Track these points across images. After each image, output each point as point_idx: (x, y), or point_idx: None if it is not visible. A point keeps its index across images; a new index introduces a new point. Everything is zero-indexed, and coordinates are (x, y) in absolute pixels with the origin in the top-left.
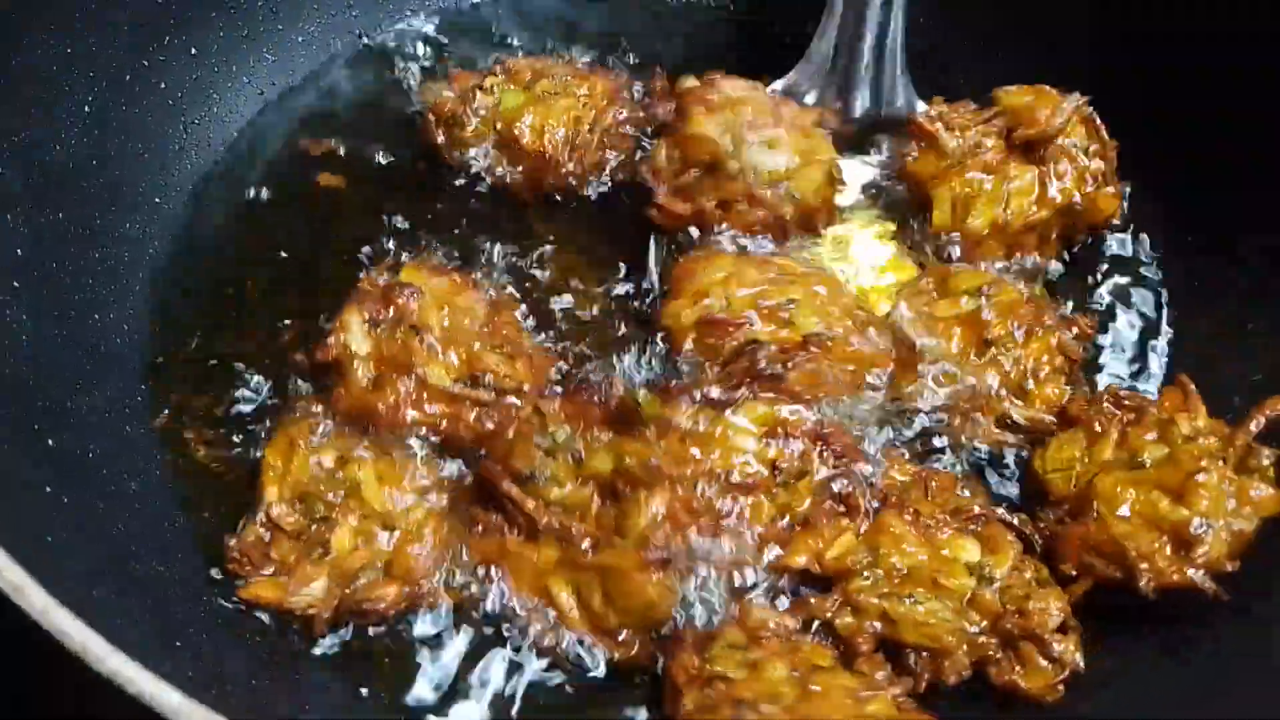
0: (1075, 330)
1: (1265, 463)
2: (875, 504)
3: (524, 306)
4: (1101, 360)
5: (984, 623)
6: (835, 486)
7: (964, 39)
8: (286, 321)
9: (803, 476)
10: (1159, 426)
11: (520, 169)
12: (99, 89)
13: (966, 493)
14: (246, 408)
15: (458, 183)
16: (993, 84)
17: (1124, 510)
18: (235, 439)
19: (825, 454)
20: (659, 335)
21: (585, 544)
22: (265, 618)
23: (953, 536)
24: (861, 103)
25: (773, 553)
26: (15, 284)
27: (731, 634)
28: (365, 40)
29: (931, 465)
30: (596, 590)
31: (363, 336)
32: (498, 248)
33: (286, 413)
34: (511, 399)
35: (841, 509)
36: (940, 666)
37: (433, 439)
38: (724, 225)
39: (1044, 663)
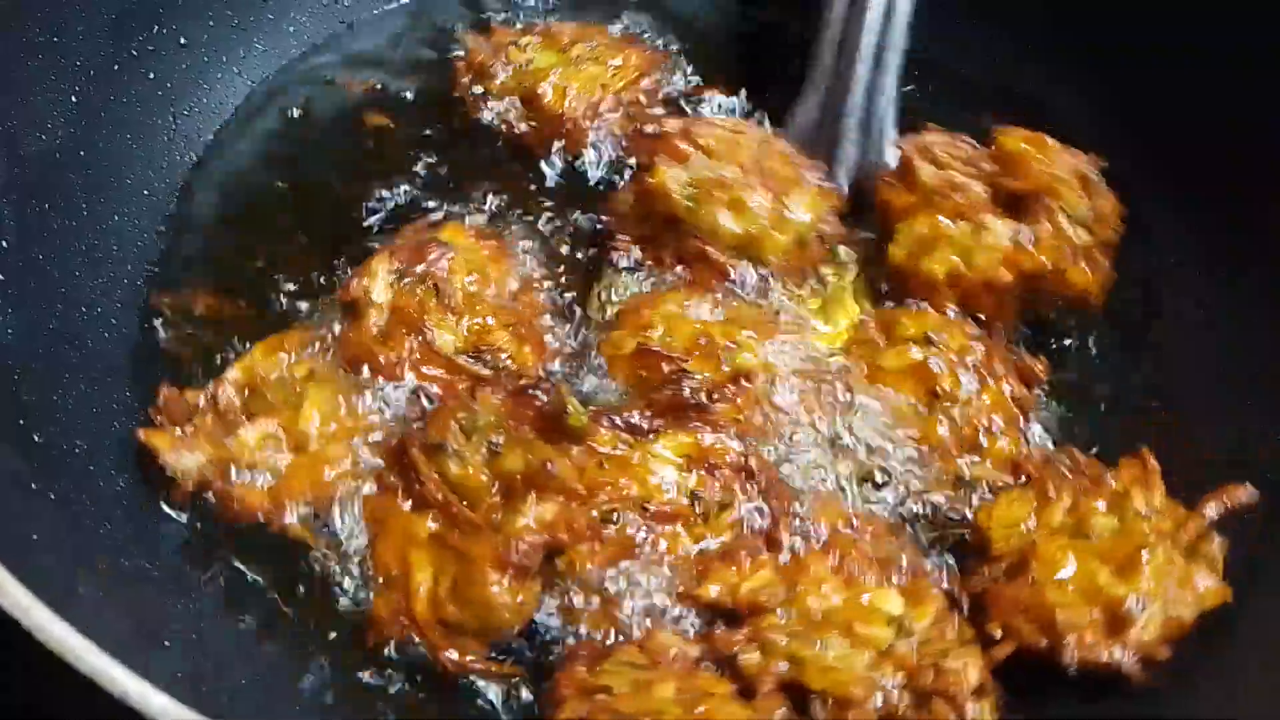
0: (1028, 376)
1: (1216, 552)
2: (798, 543)
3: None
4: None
5: (898, 677)
6: (758, 522)
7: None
8: (275, 313)
9: (724, 509)
10: (1112, 498)
11: (534, 125)
12: (85, 79)
13: (898, 541)
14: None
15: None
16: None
17: (1062, 577)
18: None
19: (749, 488)
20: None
21: (460, 528)
22: (249, 618)
23: (876, 586)
24: (847, 174)
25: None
26: (1, 276)
27: (630, 653)
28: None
29: (869, 508)
30: (450, 576)
31: (385, 286)
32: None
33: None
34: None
35: (762, 544)
36: (845, 717)
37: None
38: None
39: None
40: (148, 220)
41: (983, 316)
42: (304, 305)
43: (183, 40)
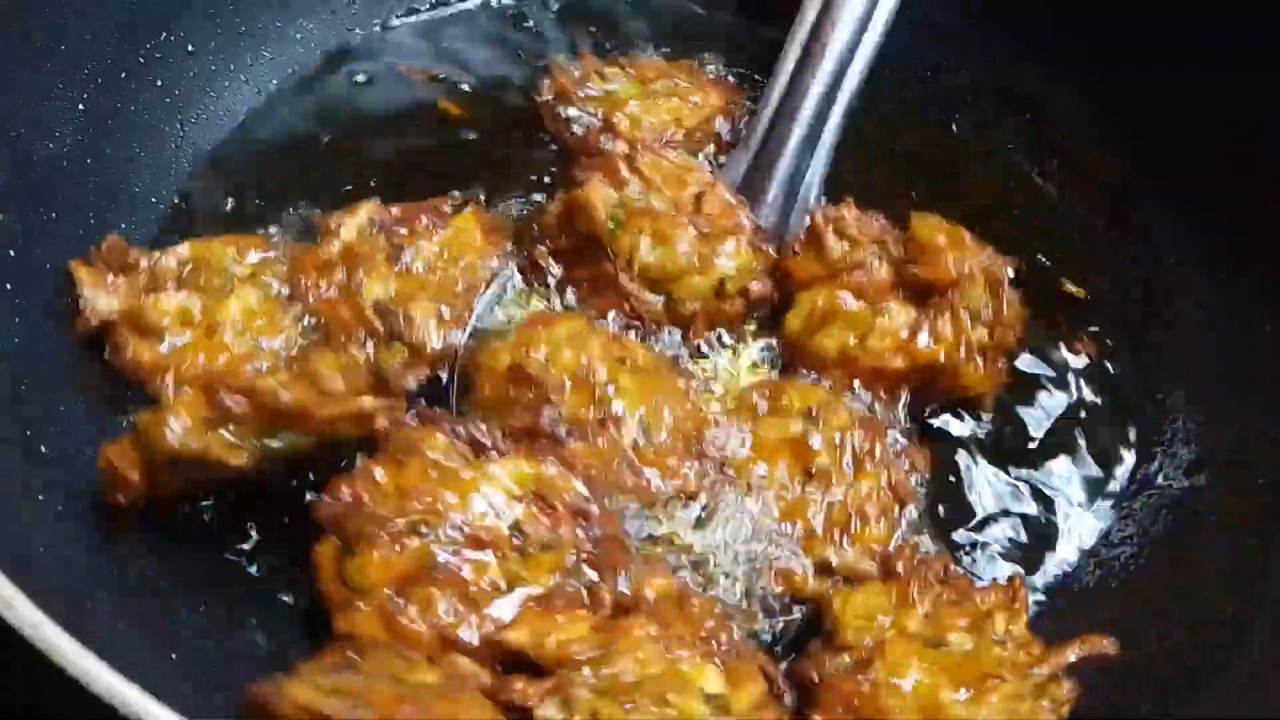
0: (910, 464)
1: (1064, 695)
2: (617, 605)
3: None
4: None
5: None
6: (580, 578)
7: None
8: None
9: (547, 551)
10: (975, 617)
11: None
12: (93, 86)
13: (727, 619)
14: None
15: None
16: None
17: (905, 685)
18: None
19: (580, 535)
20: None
21: None
22: (260, 638)
23: (697, 659)
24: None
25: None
26: (7, 285)
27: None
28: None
29: (710, 577)
30: None
31: (356, 228)
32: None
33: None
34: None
35: (585, 596)
36: None
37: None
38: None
39: None
40: (154, 227)
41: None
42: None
43: (190, 47)
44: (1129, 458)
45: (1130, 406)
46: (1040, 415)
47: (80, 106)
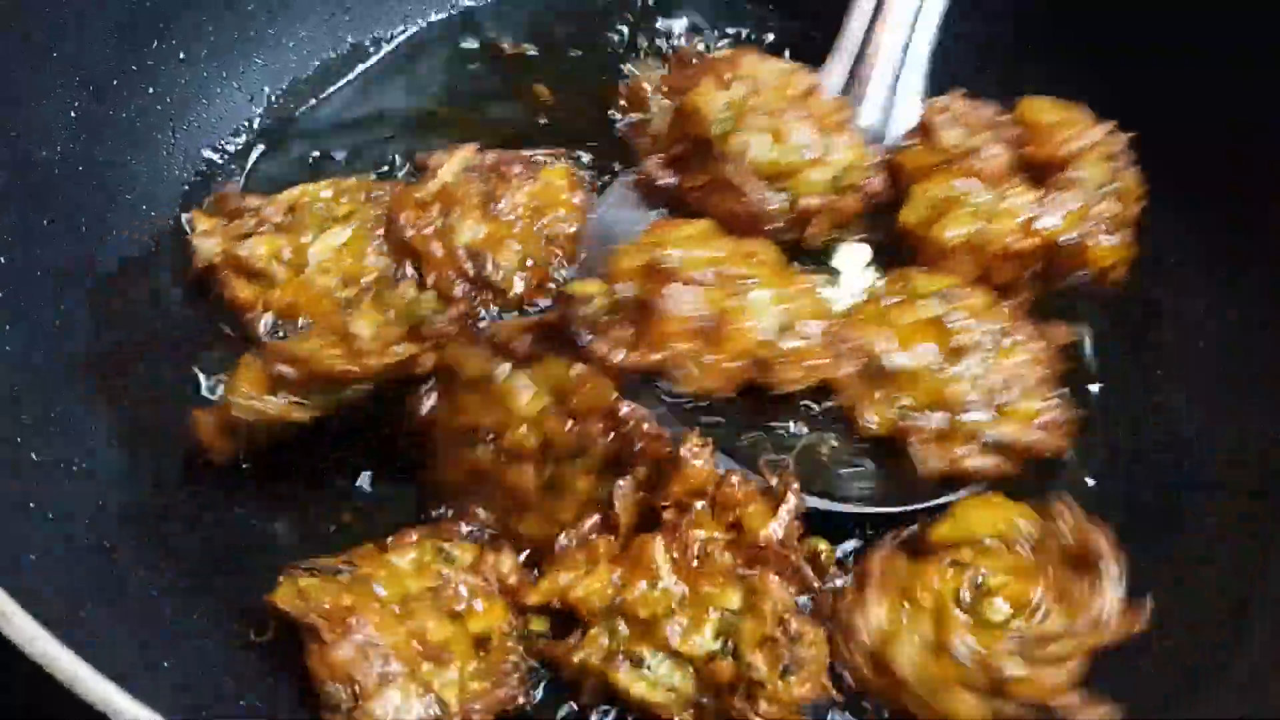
0: (1051, 339)
1: None
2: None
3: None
4: None
5: (710, 694)
6: (618, 487)
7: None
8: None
9: (580, 454)
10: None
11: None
12: (87, 92)
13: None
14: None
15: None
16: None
17: None
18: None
19: (620, 437)
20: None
21: None
22: (255, 652)
23: (719, 583)
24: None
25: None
26: (4, 290)
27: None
28: None
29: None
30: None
31: (454, 170)
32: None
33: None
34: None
35: (599, 527)
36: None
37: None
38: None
39: None
40: (149, 235)
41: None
42: None
43: (183, 55)
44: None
45: (1130, 406)
46: None
47: (74, 114)
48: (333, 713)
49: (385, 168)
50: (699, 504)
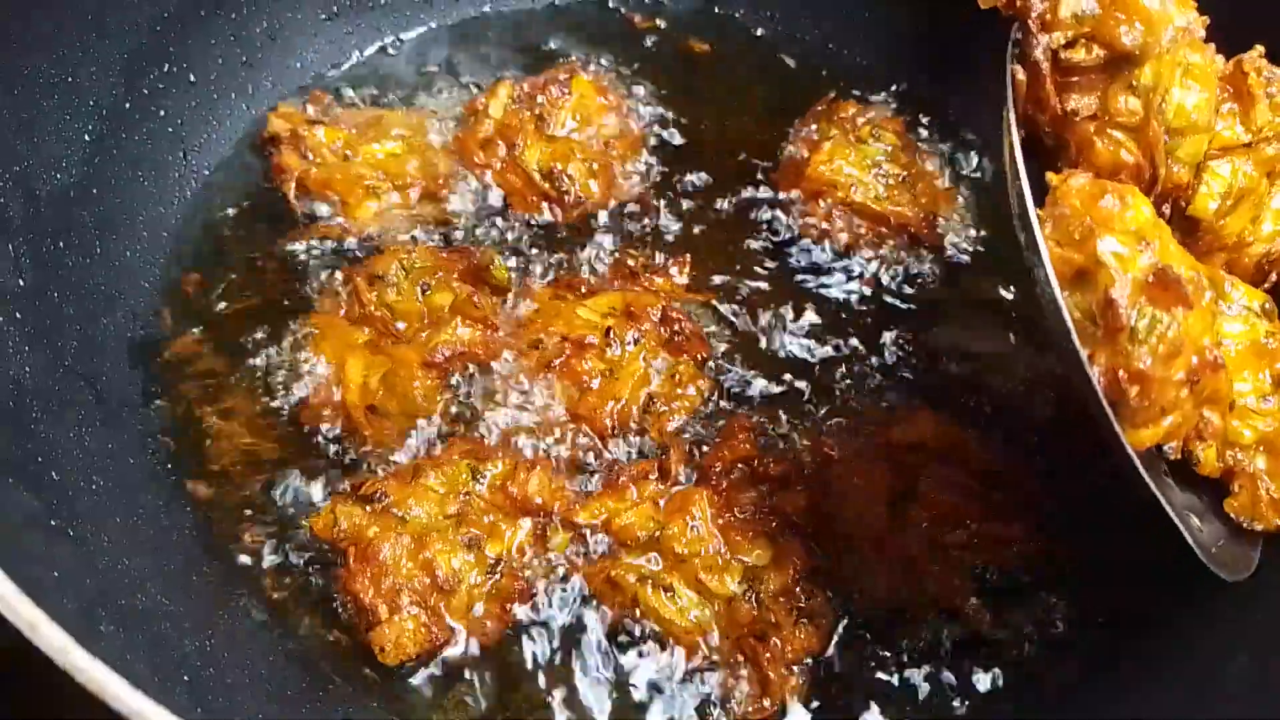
0: None
1: None
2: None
3: (646, 153)
4: None
5: (727, 632)
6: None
7: None
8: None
9: (636, 344)
10: None
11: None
12: (98, 118)
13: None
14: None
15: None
16: None
17: None
18: (235, 468)
19: (665, 333)
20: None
21: (392, 338)
22: (263, 668)
23: (749, 537)
24: None
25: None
26: (17, 314)
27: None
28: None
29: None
30: (379, 373)
31: (501, 106)
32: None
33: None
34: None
35: (654, 472)
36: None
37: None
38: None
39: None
40: (160, 256)
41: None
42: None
43: (192, 78)
44: None
45: None
46: None
47: (86, 138)
48: (346, 632)
49: None
50: (740, 467)
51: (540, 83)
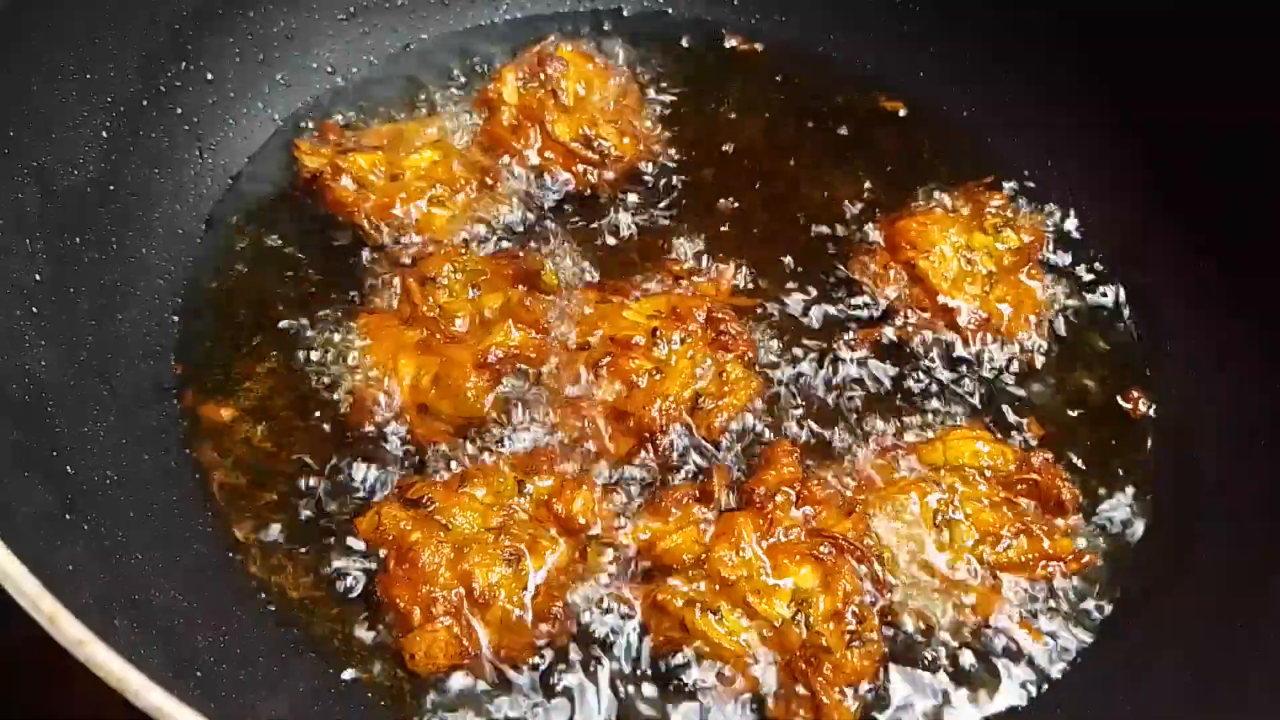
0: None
1: None
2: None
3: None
4: None
5: (777, 656)
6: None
7: None
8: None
9: (683, 343)
10: None
11: None
12: (115, 115)
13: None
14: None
15: None
16: None
17: None
18: (252, 465)
19: (711, 334)
20: None
21: (443, 338)
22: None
23: (796, 559)
24: None
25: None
26: (34, 309)
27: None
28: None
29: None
30: (431, 373)
31: (513, 89)
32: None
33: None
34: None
35: (695, 495)
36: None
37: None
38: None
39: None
40: (177, 254)
41: None
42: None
43: (210, 76)
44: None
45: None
46: None
47: (103, 135)
48: (364, 634)
49: None
50: (785, 491)
51: (535, 60)
